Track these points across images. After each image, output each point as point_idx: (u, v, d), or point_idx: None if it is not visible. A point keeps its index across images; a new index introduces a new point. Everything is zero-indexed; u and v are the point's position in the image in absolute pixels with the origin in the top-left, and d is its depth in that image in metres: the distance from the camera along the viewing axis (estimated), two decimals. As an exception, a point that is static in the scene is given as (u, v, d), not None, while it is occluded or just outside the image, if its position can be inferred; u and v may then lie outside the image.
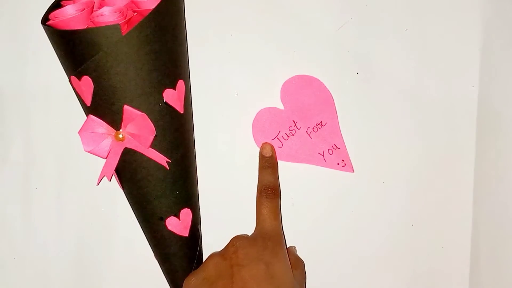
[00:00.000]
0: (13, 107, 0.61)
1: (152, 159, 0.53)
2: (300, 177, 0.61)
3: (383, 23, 0.60)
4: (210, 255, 0.55)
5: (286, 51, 0.60)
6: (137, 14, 0.51)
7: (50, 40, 0.52)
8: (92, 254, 0.62)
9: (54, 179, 0.62)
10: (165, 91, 0.52)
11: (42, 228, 0.62)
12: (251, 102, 0.60)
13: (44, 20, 0.52)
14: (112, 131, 0.52)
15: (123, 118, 0.51)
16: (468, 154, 0.61)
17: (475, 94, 0.60)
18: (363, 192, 0.61)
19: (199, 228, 0.59)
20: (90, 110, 0.52)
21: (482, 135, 0.60)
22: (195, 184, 0.58)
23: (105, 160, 0.53)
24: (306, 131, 0.60)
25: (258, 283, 0.50)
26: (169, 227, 0.55)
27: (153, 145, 0.52)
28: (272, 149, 0.59)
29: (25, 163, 0.62)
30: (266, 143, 0.60)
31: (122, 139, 0.52)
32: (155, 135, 0.52)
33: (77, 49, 0.49)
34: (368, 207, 0.61)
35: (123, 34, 0.48)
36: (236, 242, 0.54)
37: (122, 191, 0.57)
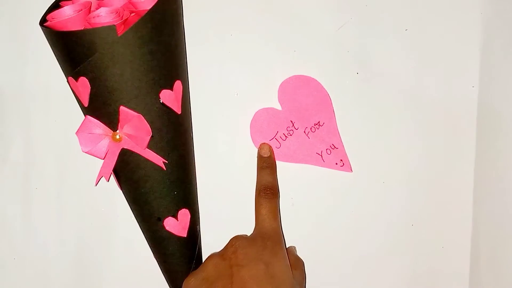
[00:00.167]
0: (13, 107, 0.61)
1: (149, 160, 0.53)
2: (300, 177, 0.61)
3: (383, 23, 0.60)
4: (210, 256, 0.55)
5: (286, 51, 0.60)
6: (134, 14, 0.51)
7: (48, 41, 0.52)
8: (92, 254, 0.62)
9: (54, 179, 0.62)
10: (161, 91, 0.52)
11: (42, 228, 0.62)
12: (251, 102, 0.60)
13: (43, 21, 0.52)
14: (109, 132, 0.52)
15: (120, 119, 0.51)
16: (468, 154, 0.61)
17: (475, 94, 0.60)
18: (363, 192, 0.61)
19: (198, 228, 0.59)
20: (87, 111, 0.52)
21: (482, 135, 0.60)
22: (193, 185, 0.58)
23: (103, 160, 0.53)
24: (304, 131, 0.60)
25: (258, 283, 0.50)
26: (167, 228, 0.55)
27: (150, 145, 0.52)
28: (270, 149, 0.59)
29: (25, 163, 0.62)
30: (264, 143, 0.59)
31: (119, 140, 0.52)
32: (152, 136, 0.52)
33: (73, 50, 0.49)
34: (368, 207, 0.61)
35: (119, 35, 0.48)
36: (235, 242, 0.54)
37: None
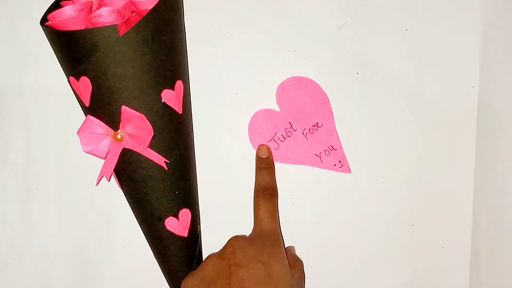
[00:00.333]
0: (13, 107, 0.61)
1: (150, 160, 0.53)
2: (300, 177, 0.61)
3: (383, 23, 0.60)
4: (208, 256, 0.55)
5: (286, 51, 0.60)
6: (135, 14, 0.51)
7: (49, 41, 0.52)
8: (92, 254, 0.62)
9: (54, 179, 0.62)
10: (163, 91, 0.52)
11: (42, 228, 0.62)
12: (251, 102, 0.60)
13: (43, 21, 0.52)
14: (110, 131, 0.52)
15: (121, 119, 0.51)
16: (468, 154, 0.61)
17: (475, 94, 0.60)
18: (364, 192, 0.61)
19: (199, 228, 0.59)
20: (88, 110, 0.52)
21: (482, 135, 0.60)
22: (194, 185, 0.58)
23: (104, 160, 0.53)
24: (302, 133, 0.60)
25: (256, 283, 0.50)
26: (168, 228, 0.55)
27: (151, 145, 0.52)
28: (268, 150, 0.59)
29: (25, 163, 0.62)
30: (263, 144, 0.60)
31: (121, 140, 0.52)
32: (153, 136, 0.52)
33: (75, 49, 0.49)
34: (368, 207, 0.61)
35: (121, 35, 0.48)
36: (234, 242, 0.54)
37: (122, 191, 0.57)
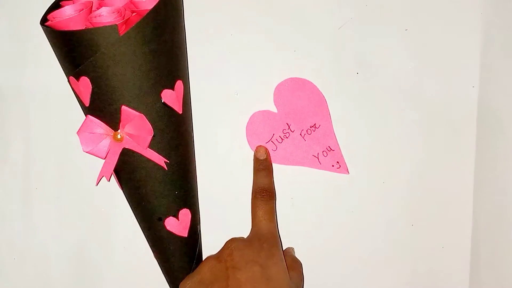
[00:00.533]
0: (13, 107, 0.61)
1: (150, 160, 0.53)
2: (300, 177, 0.61)
3: (383, 23, 0.60)
4: (206, 258, 0.55)
5: (286, 51, 0.60)
6: (135, 14, 0.51)
7: (49, 41, 0.52)
8: (92, 254, 0.62)
9: (54, 179, 0.62)
10: (163, 91, 0.52)
11: (42, 228, 0.62)
12: (251, 102, 0.60)
13: (43, 21, 0.52)
14: (110, 131, 0.52)
15: (121, 119, 0.51)
16: (468, 154, 0.61)
17: (475, 94, 0.60)
18: (364, 192, 0.61)
19: (199, 228, 0.59)
20: (88, 110, 0.52)
21: (482, 135, 0.60)
22: (194, 185, 0.58)
23: (104, 160, 0.53)
24: (300, 134, 0.60)
25: (254, 286, 0.50)
26: (168, 228, 0.55)
27: (151, 145, 0.52)
28: (266, 151, 0.59)
29: (25, 163, 0.62)
30: (260, 145, 0.59)
31: (121, 140, 0.52)
32: (153, 136, 0.52)
33: (75, 49, 0.49)
34: (368, 207, 0.61)
35: (121, 35, 0.48)
36: (231, 244, 0.54)
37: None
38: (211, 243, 0.60)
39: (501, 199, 0.59)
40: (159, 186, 0.54)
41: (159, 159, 0.53)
